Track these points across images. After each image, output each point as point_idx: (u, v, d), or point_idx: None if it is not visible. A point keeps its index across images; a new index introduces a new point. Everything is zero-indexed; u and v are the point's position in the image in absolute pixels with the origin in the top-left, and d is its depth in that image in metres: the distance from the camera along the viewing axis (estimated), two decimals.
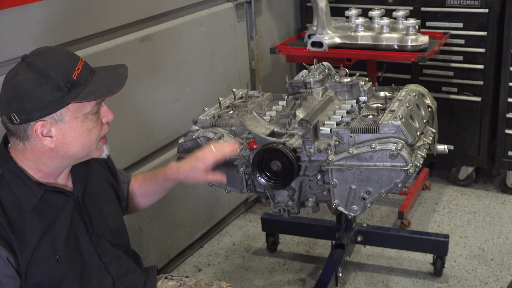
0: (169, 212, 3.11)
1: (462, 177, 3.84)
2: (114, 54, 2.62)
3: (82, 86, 1.56)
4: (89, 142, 1.62)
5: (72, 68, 1.56)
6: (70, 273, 1.66)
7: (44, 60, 1.55)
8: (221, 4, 3.32)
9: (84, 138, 1.60)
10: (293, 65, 4.08)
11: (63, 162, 1.64)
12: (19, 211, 1.57)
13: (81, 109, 1.57)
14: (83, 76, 1.57)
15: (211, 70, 3.27)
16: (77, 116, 1.57)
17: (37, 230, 1.59)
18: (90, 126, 1.61)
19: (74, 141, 1.59)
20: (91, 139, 1.62)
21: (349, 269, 3.10)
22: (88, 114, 1.59)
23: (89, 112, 1.59)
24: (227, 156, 1.99)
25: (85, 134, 1.60)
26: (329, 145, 1.98)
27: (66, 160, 1.64)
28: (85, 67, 1.60)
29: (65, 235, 1.66)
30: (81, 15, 2.46)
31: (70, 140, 1.59)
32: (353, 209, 2.04)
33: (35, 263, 1.59)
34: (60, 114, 1.55)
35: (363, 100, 2.31)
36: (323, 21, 3.28)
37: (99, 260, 1.75)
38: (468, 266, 3.10)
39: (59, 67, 1.55)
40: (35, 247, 1.58)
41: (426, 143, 2.11)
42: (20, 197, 1.58)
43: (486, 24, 3.45)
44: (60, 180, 1.69)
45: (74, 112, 1.56)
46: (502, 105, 3.57)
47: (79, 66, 1.57)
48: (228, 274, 3.14)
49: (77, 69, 1.56)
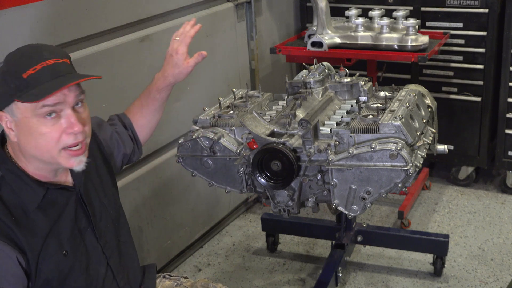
0: (169, 212, 3.11)
1: (462, 177, 3.84)
2: (114, 54, 2.62)
3: (30, 87, 1.51)
4: (43, 146, 1.55)
5: (28, 67, 1.52)
6: (76, 267, 1.67)
7: (14, 54, 1.56)
8: (221, 4, 3.32)
9: (36, 140, 1.54)
10: (293, 65, 4.08)
11: (37, 163, 1.60)
12: (24, 211, 1.57)
13: (29, 110, 1.52)
14: (36, 77, 1.51)
15: (211, 70, 3.27)
16: (27, 116, 1.53)
17: (44, 227, 1.60)
18: (42, 130, 1.53)
19: (27, 141, 1.55)
20: (46, 144, 1.54)
21: (349, 269, 3.10)
22: (40, 116, 1.52)
23: (38, 114, 1.52)
24: (192, 35, 2.03)
25: (38, 136, 1.54)
26: (329, 145, 1.98)
27: (36, 161, 1.60)
28: (47, 69, 1.53)
29: (70, 230, 1.66)
30: (81, 15, 2.46)
31: (25, 138, 1.55)
32: (353, 209, 2.03)
33: (44, 260, 1.59)
34: (11, 109, 1.54)
35: (363, 100, 2.31)
36: (323, 21, 3.28)
37: (102, 254, 1.76)
38: (468, 266, 3.10)
39: (16, 63, 1.54)
40: (43, 244, 1.59)
41: (426, 143, 2.11)
42: (23, 197, 1.58)
43: (486, 24, 3.45)
44: (60, 176, 1.69)
45: (23, 110, 1.53)
46: (502, 105, 3.57)
47: (37, 67, 1.52)
48: (228, 274, 3.14)
49: (32, 69, 1.51)
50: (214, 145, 2.14)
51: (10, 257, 1.53)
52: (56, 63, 1.55)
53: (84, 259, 1.70)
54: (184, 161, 2.22)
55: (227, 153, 2.15)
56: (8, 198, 1.57)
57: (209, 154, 2.17)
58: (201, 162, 2.20)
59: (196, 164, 2.21)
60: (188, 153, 2.20)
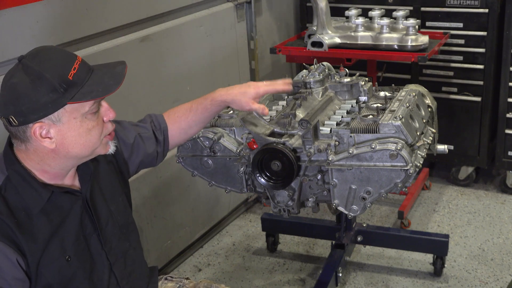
0: (169, 212, 3.11)
1: (462, 177, 3.84)
2: (114, 54, 2.62)
3: (78, 86, 1.53)
4: (90, 141, 1.60)
5: (68, 68, 1.53)
6: (80, 273, 1.66)
7: (39, 61, 1.53)
8: (221, 4, 3.33)
9: (84, 138, 1.58)
10: (293, 65, 4.08)
11: (67, 163, 1.62)
12: (27, 213, 1.57)
13: (79, 109, 1.55)
14: (79, 76, 1.54)
15: (211, 70, 3.27)
16: (76, 116, 1.55)
17: (46, 231, 1.59)
18: (90, 126, 1.59)
19: (75, 142, 1.57)
20: (93, 138, 1.60)
21: (349, 269, 3.10)
22: (87, 114, 1.57)
23: (87, 112, 1.57)
24: (279, 91, 2.00)
25: (85, 134, 1.58)
26: (329, 145, 1.98)
27: (70, 160, 1.62)
28: (82, 66, 1.57)
29: (75, 235, 1.65)
30: (81, 15, 2.46)
31: (70, 141, 1.57)
32: (353, 209, 2.04)
33: (45, 264, 1.58)
34: (57, 115, 1.53)
35: (363, 100, 2.31)
36: (323, 21, 3.28)
37: (107, 260, 1.74)
38: (468, 266, 3.10)
39: (54, 67, 1.52)
40: (45, 248, 1.58)
41: (426, 143, 2.11)
42: (27, 199, 1.57)
43: (486, 24, 3.45)
44: (66, 179, 1.67)
45: (71, 112, 1.54)
46: (502, 105, 3.57)
47: (75, 66, 1.55)
48: (228, 274, 3.14)
49: (73, 69, 1.54)
50: (214, 145, 2.15)
51: (9, 259, 1.52)
52: (82, 59, 1.59)
53: (87, 265, 1.69)
54: (184, 161, 2.23)
55: (227, 153, 2.15)
56: (12, 200, 1.56)
57: (209, 154, 2.17)
58: (201, 162, 2.20)
59: (196, 164, 2.21)
60: (188, 153, 2.20)
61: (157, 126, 1.97)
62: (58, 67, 1.52)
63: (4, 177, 1.58)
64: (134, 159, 1.92)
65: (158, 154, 1.98)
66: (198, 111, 1.97)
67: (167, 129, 1.97)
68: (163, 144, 1.98)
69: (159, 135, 1.96)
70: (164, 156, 2.01)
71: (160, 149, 1.97)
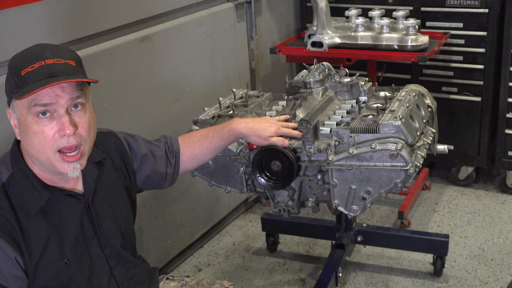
0: (169, 212, 3.11)
1: (462, 177, 3.84)
2: (114, 54, 2.62)
3: (25, 84, 1.50)
4: (37, 145, 1.53)
5: (26, 64, 1.52)
6: (78, 276, 1.65)
7: (20, 52, 1.57)
8: (221, 4, 3.33)
9: (31, 139, 1.53)
10: (293, 65, 4.08)
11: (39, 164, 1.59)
12: (26, 213, 1.57)
13: (24, 107, 1.52)
14: (32, 76, 1.50)
15: (211, 70, 3.27)
16: (23, 113, 1.53)
17: (43, 233, 1.59)
18: (35, 129, 1.52)
19: (25, 139, 1.56)
20: (40, 144, 1.53)
21: (349, 269, 3.10)
22: (33, 115, 1.51)
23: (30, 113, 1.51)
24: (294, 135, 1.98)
25: (32, 135, 1.53)
26: (329, 145, 1.98)
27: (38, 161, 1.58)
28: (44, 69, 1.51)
29: (74, 238, 1.65)
30: (81, 15, 2.46)
31: (23, 136, 1.56)
32: (353, 209, 2.04)
33: (43, 265, 1.58)
34: (13, 106, 1.56)
35: (363, 100, 2.31)
36: (323, 21, 3.28)
37: (107, 264, 1.74)
38: (468, 266, 3.10)
39: (19, 60, 1.55)
40: (42, 249, 1.58)
41: (426, 143, 2.11)
42: (27, 198, 1.57)
43: (486, 24, 3.45)
44: (69, 182, 1.66)
45: (20, 108, 1.53)
46: (502, 105, 3.57)
47: (35, 65, 1.51)
48: (228, 274, 3.14)
49: (31, 67, 1.51)
50: None
51: (9, 256, 1.52)
52: (55, 63, 1.53)
53: (87, 269, 1.68)
54: None
55: (227, 153, 2.15)
56: (15, 197, 1.57)
57: None
58: None
59: None
60: None
61: (170, 148, 1.97)
62: (21, 60, 1.54)
63: (9, 174, 1.59)
64: (142, 172, 1.92)
65: (167, 176, 1.97)
66: (213, 139, 1.97)
67: (180, 153, 1.98)
68: (174, 167, 1.98)
69: (171, 157, 1.97)
70: (173, 180, 2.01)
71: (170, 170, 1.97)
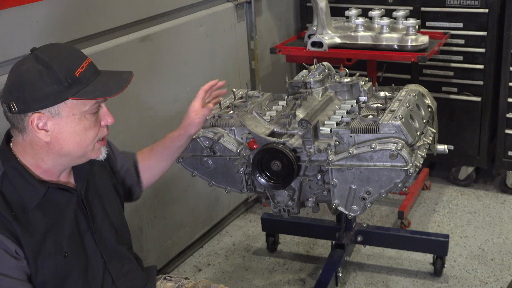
0: (169, 212, 3.11)
1: (462, 177, 3.84)
2: (114, 54, 2.62)
3: (83, 85, 1.56)
4: (84, 141, 1.61)
5: (76, 65, 1.57)
6: (75, 271, 1.67)
7: (50, 53, 1.56)
8: (221, 4, 3.33)
9: (79, 136, 1.60)
10: (293, 65, 4.07)
11: (60, 160, 1.63)
12: (23, 208, 1.58)
13: (80, 107, 1.57)
14: (85, 75, 1.57)
15: (211, 70, 3.27)
16: (75, 113, 1.57)
17: (42, 227, 1.60)
18: (87, 126, 1.60)
19: (69, 138, 1.59)
20: (87, 138, 1.61)
21: (349, 269, 3.10)
22: (86, 113, 1.59)
23: (87, 111, 1.59)
24: (206, 89, 2.03)
25: (81, 133, 1.59)
26: (329, 145, 1.98)
27: (62, 158, 1.63)
28: (90, 67, 1.60)
29: (69, 231, 1.67)
30: (81, 15, 2.46)
31: (65, 137, 1.58)
32: (353, 209, 2.04)
33: (43, 260, 1.60)
34: (57, 109, 1.55)
35: (363, 100, 2.31)
36: (323, 21, 3.28)
37: (101, 258, 1.76)
38: (468, 266, 3.10)
39: (63, 62, 1.55)
40: (41, 243, 1.59)
41: (426, 143, 2.11)
42: (23, 194, 1.59)
43: (486, 24, 3.44)
44: (62, 177, 1.69)
45: (72, 108, 1.56)
46: (502, 105, 3.57)
47: (84, 65, 1.58)
48: (228, 274, 3.14)
49: (81, 67, 1.57)
50: (214, 145, 2.15)
51: (9, 248, 1.54)
52: (92, 61, 1.62)
53: (82, 262, 1.70)
54: (184, 161, 2.23)
55: (227, 153, 2.15)
56: (9, 194, 1.58)
57: (209, 154, 2.17)
58: (201, 162, 2.20)
59: (196, 164, 2.22)
60: (188, 153, 2.20)
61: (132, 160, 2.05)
62: (67, 62, 1.56)
63: (0, 173, 1.59)
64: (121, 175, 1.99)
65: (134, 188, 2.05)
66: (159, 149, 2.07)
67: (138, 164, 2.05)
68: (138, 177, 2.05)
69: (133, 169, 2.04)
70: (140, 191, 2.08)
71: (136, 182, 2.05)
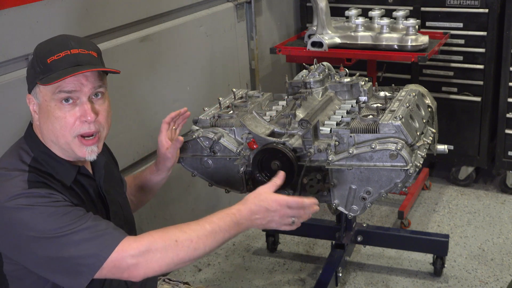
0: (169, 212, 3.11)
1: (462, 177, 3.84)
2: (114, 54, 2.62)
3: (51, 72, 1.58)
4: (58, 130, 1.61)
5: (53, 53, 1.60)
6: None
7: (44, 41, 1.65)
8: (221, 4, 3.33)
9: (53, 124, 1.61)
10: (293, 65, 4.08)
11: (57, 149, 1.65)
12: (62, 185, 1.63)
13: (48, 93, 1.60)
14: (58, 63, 1.59)
15: (211, 70, 3.27)
16: (46, 99, 1.60)
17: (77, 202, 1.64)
18: (57, 114, 1.60)
19: (46, 124, 1.62)
20: (61, 129, 1.60)
21: (349, 269, 3.10)
22: (56, 101, 1.59)
23: (55, 99, 1.59)
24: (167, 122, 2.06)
25: (54, 120, 1.60)
26: (329, 145, 1.98)
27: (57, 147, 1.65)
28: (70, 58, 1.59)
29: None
30: (81, 15, 2.46)
31: (44, 122, 1.62)
32: (353, 209, 2.04)
33: None
34: (35, 92, 1.62)
35: (363, 100, 2.31)
36: (323, 21, 3.28)
37: None
38: (468, 266, 3.10)
39: (44, 48, 1.63)
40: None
41: (426, 143, 2.11)
42: (60, 173, 1.64)
43: (486, 24, 3.45)
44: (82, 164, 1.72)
45: (44, 94, 1.60)
46: (502, 105, 3.57)
47: (61, 54, 1.59)
48: (228, 274, 3.14)
49: (56, 55, 1.59)
50: (214, 145, 2.14)
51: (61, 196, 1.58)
52: (80, 53, 1.61)
53: None
54: (184, 161, 2.22)
55: (227, 153, 2.15)
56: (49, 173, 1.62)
57: (209, 154, 2.17)
58: (201, 162, 2.20)
59: (196, 164, 2.21)
60: (188, 153, 2.20)
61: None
62: (47, 49, 1.62)
63: (31, 158, 1.63)
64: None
65: None
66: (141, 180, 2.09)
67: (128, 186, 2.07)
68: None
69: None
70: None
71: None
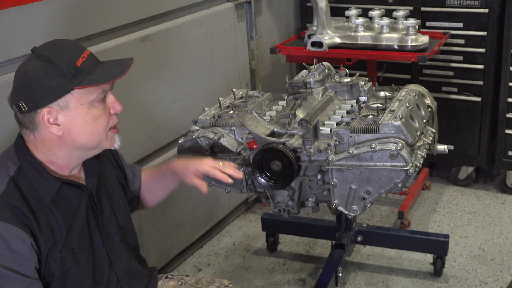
0: (169, 212, 3.11)
1: (462, 177, 3.84)
2: (114, 54, 2.61)
3: (86, 73, 1.59)
4: (96, 130, 1.63)
5: (77, 56, 1.60)
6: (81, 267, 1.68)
7: (51, 49, 1.60)
8: (221, 4, 3.33)
9: (91, 126, 1.62)
10: (293, 65, 4.07)
11: (73, 153, 1.65)
12: (39, 202, 1.60)
13: (86, 96, 1.59)
14: (87, 64, 1.60)
15: (211, 70, 3.27)
16: (83, 103, 1.59)
17: (55, 221, 1.62)
18: (96, 114, 1.62)
19: (81, 129, 1.61)
20: (98, 127, 1.63)
21: (349, 269, 3.10)
22: (94, 101, 1.61)
23: (94, 100, 1.61)
24: (221, 178, 1.92)
25: (92, 122, 1.61)
26: (329, 145, 1.98)
27: (76, 151, 1.65)
28: (91, 57, 1.63)
29: (80, 228, 1.68)
30: (81, 15, 2.46)
31: (77, 128, 1.60)
32: (353, 209, 2.04)
33: (53, 254, 1.61)
34: (65, 101, 1.57)
35: (363, 100, 2.31)
36: (323, 21, 3.28)
37: (107, 257, 1.77)
38: (468, 266, 3.10)
39: (64, 54, 1.59)
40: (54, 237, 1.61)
41: (426, 143, 2.11)
42: (39, 188, 1.61)
43: (486, 24, 3.45)
44: (73, 172, 1.71)
45: (79, 98, 1.58)
46: (502, 105, 3.57)
47: (84, 55, 1.61)
48: (228, 274, 3.14)
49: (81, 57, 1.60)
50: (214, 145, 2.14)
51: (25, 242, 1.55)
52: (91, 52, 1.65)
53: (91, 260, 1.71)
54: None
55: (227, 153, 2.15)
56: (25, 188, 1.59)
57: (209, 154, 2.17)
58: None
59: None
60: (188, 153, 2.20)
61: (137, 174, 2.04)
62: (68, 54, 1.59)
63: (16, 167, 1.61)
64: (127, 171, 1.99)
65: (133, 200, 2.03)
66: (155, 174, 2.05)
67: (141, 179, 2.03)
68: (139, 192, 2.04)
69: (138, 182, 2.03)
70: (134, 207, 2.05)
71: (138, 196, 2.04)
